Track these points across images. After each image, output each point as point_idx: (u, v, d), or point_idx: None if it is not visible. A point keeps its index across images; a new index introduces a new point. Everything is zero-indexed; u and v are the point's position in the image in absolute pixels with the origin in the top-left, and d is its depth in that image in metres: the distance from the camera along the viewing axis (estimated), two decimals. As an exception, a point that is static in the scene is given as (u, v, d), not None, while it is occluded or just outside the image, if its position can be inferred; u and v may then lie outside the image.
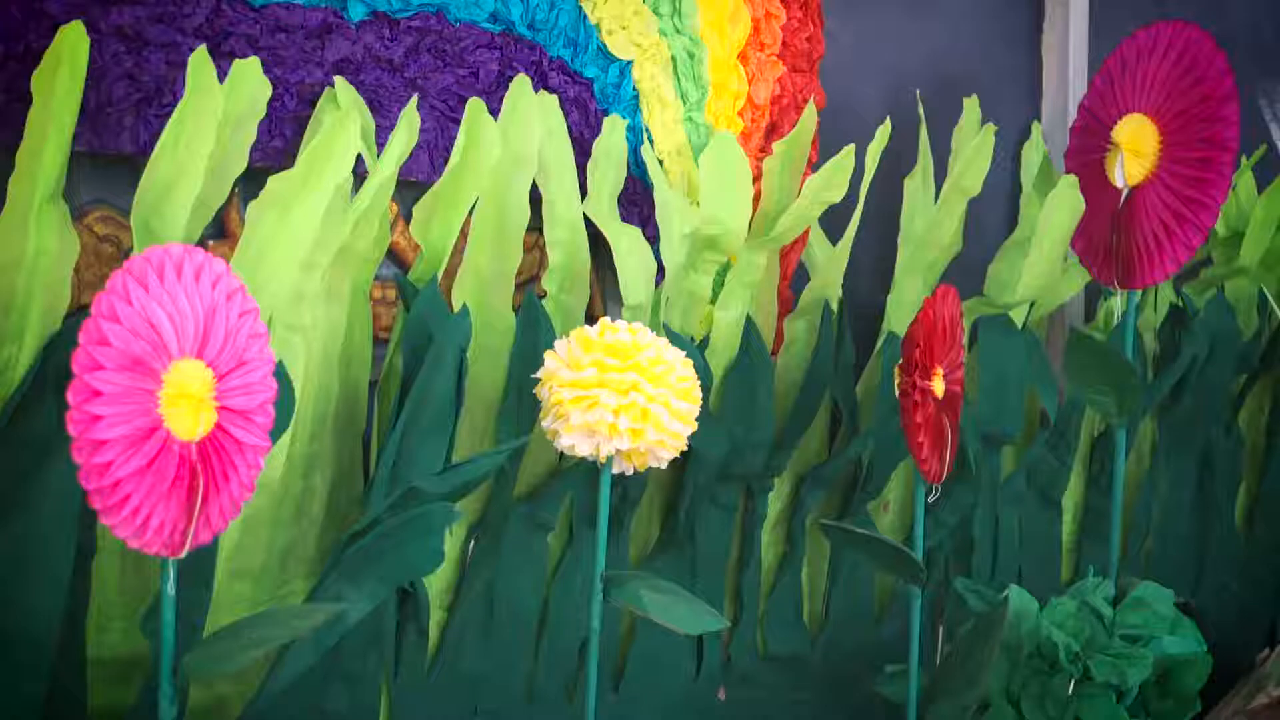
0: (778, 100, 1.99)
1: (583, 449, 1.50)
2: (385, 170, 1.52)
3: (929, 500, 1.86)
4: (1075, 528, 2.37)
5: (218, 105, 1.42)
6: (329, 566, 1.51)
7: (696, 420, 1.53)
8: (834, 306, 2.00)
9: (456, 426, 1.60)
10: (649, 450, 1.51)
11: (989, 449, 2.19)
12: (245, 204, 1.49)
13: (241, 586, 1.52)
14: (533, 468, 1.75)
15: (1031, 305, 2.22)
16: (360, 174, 1.55)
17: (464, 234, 1.65)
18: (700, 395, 1.54)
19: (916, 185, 2.14)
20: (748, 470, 1.93)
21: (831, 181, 1.87)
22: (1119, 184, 2.09)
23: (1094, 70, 2.40)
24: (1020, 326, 2.20)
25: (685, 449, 1.54)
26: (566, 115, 1.75)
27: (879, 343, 2.11)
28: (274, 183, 1.46)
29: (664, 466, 1.54)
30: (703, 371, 1.81)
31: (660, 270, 1.82)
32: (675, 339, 1.79)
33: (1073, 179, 2.11)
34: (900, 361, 1.80)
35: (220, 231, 1.57)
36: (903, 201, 2.14)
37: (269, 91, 1.49)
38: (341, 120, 1.48)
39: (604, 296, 1.89)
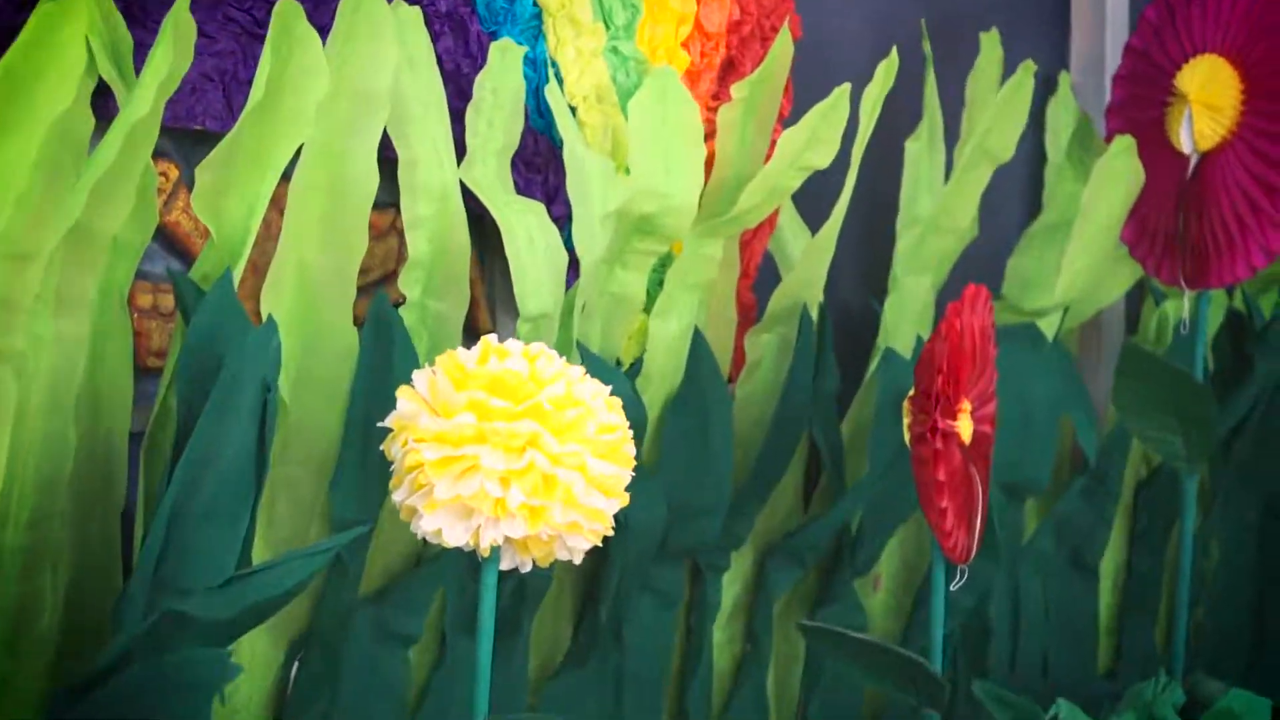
0: (736, 27, 1.62)
1: (454, 536, 1.08)
2: (141, 105, 1.09)
3: (951, 586, 1.43)
4: (1114, 600, 1.97)
5: None
6: (47, 729, 1.06)
7: (628, 488, 1.13)
8: (814, 315, 1.61)
9: (258, 501, 1.18)
10: (556, 537, 1.10)
11: (1011, 502, 1.77)
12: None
13: (-82, 752, 1.08)
14: (385, 554, 1.34)
15: (1065, 312, 1.83)
16: (109, 114, 1.13)
17: (278, 209, 1.25)
18: (633, 453, 1.13)
19: (921, 149, 1.74)
20: (696, 544, 1.54)
21: (817, 137, 1.49)
22: (1186, 149, 1.74)
23: (1138, 2, 2.01)
24: (1051, 339, 1.80)
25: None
26: (436, 38, 1.37)
27: (872, 365, 1.70)
28: (-48, 122, 1.02)
29: (578, 561, 1.12)
30: (634, 407, 1.45)
31: (573, 265, 1.43)
32: (595, 365, 1.41)
33: (1129, 142, 1.72)
34: (912, 393, 1.39)
35: None
36: (901, 171, 1.75)
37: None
38: (62, 15, 1.05)
39: (492, 303, 1.53)
